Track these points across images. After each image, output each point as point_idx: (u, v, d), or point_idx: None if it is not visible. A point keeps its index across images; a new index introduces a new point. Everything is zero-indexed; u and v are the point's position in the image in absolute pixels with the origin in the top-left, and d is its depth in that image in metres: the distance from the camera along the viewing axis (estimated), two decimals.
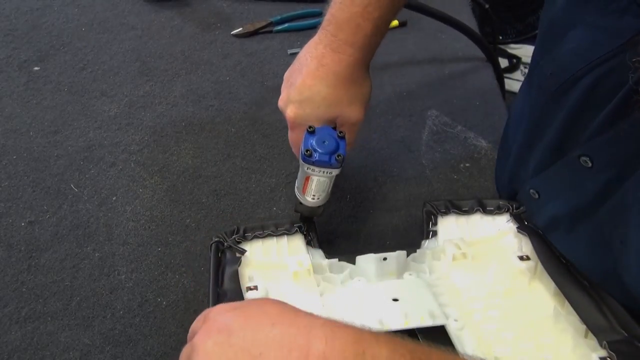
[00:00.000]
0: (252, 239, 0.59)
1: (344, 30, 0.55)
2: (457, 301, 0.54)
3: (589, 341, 0.48)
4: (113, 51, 0.92)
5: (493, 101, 0.87)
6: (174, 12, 1.00)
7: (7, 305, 0.59)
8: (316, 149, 0.55)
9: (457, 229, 0.62)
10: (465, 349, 0.49)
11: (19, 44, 0.92)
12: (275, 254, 0.59)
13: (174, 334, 0.58)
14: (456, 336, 0.50)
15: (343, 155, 0.55)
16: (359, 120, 0.59)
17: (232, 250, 0.57)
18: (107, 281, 0.62)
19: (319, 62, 0.56)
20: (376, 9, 0.54)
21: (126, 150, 0.77)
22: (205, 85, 0.87)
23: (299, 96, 0.57)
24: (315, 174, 0.56)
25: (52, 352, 0.56)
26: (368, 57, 0.58)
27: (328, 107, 0.57)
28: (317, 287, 0.56)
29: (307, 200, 0.60)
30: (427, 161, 0.77)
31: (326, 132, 0.56)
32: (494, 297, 0.54)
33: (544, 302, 0.53)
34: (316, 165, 0.55)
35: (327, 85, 0.56)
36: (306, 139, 0.56)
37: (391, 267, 0.58)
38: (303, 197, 0.60)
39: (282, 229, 0.60)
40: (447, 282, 0.57)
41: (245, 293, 0.52)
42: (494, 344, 0.50)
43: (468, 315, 0.53)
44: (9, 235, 0.66)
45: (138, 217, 0.69)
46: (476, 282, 0.56)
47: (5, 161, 0.74)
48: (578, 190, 0.51)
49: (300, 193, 0.60)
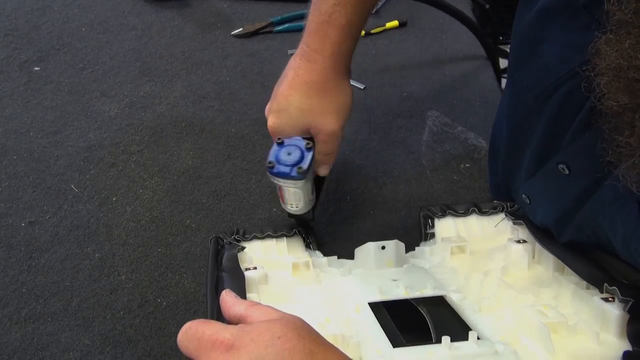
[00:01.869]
0: (252, 239, 0.60)
1: (313, 40, 0.56)
2: (457, 281, 0.55)
3: (590, 290, 0.48)
4: (113, 51, 0.92)
5: (493, 102, 0.87)
6: (175, 12, 1.00)
7: (7, 305, 0.60)
8: (279, 160, 0.56)
9: (454, 230, 0.62)
10: (467, 316, 0.49)
11: (19, 44, 0.92)
12: (275, 254, 0.59)
13: (174, 335, 0.57)
14: (458, 305, 0.50)
15: (305, 167, 0.55)
16: (334, 130, 0.58)
17: (232, 246, 0.58)
18: (107, 282, 0.62)
19: (295, 73, 0.57)
20: (342, 15, 0.54)
21: (126, 150, 0.77)
22: (205, 86, 0.87)
23: (277, 106, 0.58)
24: (283, 185, 0.57)
25: (52, 353, 0.56)
26: (341, 64, 0.58)
27: (301, 117, 0.57)
28: (316, 277, 0.56)
29: (288, 209, 0.60)
30: (428, 162, 0.77)
31: (294, 144, 0.57)
32: (493, 274, 0.55)
33: (543, 276, 0.54)
34: (279, 177, 0.56)
35: (301, 95, 0.57)
36: (273, 151, 0.57)
37: (390, 256, 0.58)
38: (285, 205, 0.60)
39: (281, 232, 0.61)
40: (445, 268, 0.58)
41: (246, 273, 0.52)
42: (495, 307, 0.50)
43: (468, 288, 0.53)
44: (9, 235, 0.66)
45: (138, 217, 0.69)
46: (475, 267, 0.57)
47: (6, 161, 0.74)
48: (559, 197, 0.52)
49: (281, 202, 0.61)
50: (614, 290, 0.45)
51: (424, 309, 0.49)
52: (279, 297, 0.51)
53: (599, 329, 0.45)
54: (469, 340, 0.43)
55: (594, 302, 0.46)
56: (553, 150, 0.51)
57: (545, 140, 0.52)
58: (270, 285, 0.53)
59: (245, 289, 0.50)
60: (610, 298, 0.45)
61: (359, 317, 0.48)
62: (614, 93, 0.35)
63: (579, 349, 0.44)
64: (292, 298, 0.52)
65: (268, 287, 0.53)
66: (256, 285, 0.52)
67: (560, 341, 0.44)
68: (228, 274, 0.52)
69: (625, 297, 0.44)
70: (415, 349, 0.43)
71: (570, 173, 0.49)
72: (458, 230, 0.62)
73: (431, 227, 0.63)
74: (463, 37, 0.92)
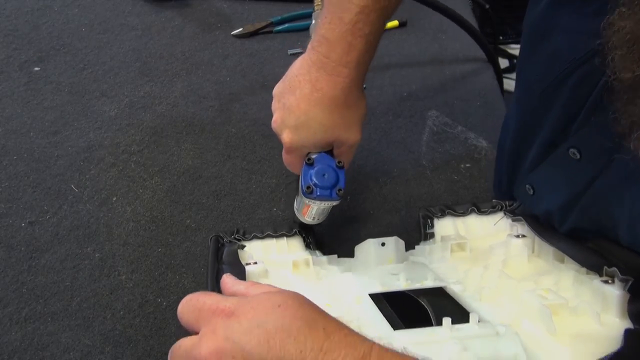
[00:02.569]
0: (252, 239, 0.60)
1: (335, 51, 0.53)
2: (457, 274, 0.55)
3: (590, 275, 0.48)
4: (113, 52, 0.92)
5: (493, 102, 0.87)
6: (175, 12, 1.00)
7: (7, 305, 0.60)
8: (317, 183, 0.55)
9: (454, 229, 0.63)
10: (468, 304, 0.49)
11: (19, 44, 0.92)
12: (275, 253, 0.59)
13: (174, 335, 0.58)
14: (459, 296, 0.50)
15: (343, 188, 0.55)
16: (356, 142, 0.58)
17: (232, 244, 0.58)
18: (108, 282, 0.62)
19: (313, 86, 0.54)
20: (366, 24, 0.52)
21: (126, 150, 0.77)
22: (205, 86, 0.87)
23: (294, 121, 0.55)
24: (319, 206, 0.57)
25: (53, 353, 0.56)
26: (362, 76, 0.56)
27: (325, 133, 0.55)
28: (316, 274, 0.57)
29: (306, 220, 0.61)
30: (428, 162, 0.77)
31: (325, 163, 0.56)
32: (493, 266, 0.55)
33: (543, 266, 0.54)
34: (318, 199, 0.56)
35: (323, 110, 0.54)
36: (305, 173, 0.55)
37: (390, 252, 0.59)
38: (303, 217, 0.60)
39: (281, 232, 0.61)
40: (446, 264, 0.58)
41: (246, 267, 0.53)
42: (495, 295, 0.50)
43: (468, 281, 0.54)
44: (9, 235, 0.66)
45: (138, 217, 0.69)
46: (475, 264, 0.57)
47: (6, 162, 0.74)
48: (569, 183, 0.52)
49: (300, 214, 0.61)
50: (613, 271, 0.45)
51: (425, 300, 0.49)
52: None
53: (600, 309, 0.45)
54: (470, 322, 0.43)
55: (594, 284, 0.46)
56: (563, 137, 0.51)
57: (556, 128, 0.52)
58: (270, 280, 0.53)
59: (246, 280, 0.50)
60: (610, 280, 0.45)
61: (359, 307, 0.49)
62: (630, 64, 0.35)
63: (580, 330, 0.43)
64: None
65: (268, 280, 0.53)
66: (257, 279, 0.52)
67: (561, 322, 0.44)
68: (228, 266, 0.52)
69: (625, 276, 0.44)
70: (416, 330, 0.43)
71: (582, 158, 0.49)
72: (457, 229, 0.62)
73: (431, 227, 0.63)
74: (463, 37, 0.92)
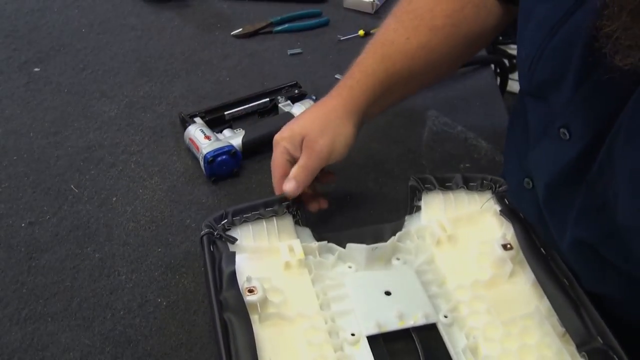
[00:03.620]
0: (242, 223, 0.59)
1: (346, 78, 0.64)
2: (445, 291, 0.56)
3: (568, 346, 0.49)
4: (113, 52, 0.92)
5: (493, 101, 0.87)
6: (174, 12, 1.00)
7: (7, 306, 0.59)
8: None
9: (441, 205, 0.63)
10: (455, 347, 0.51)
11: (19, 45, 0.92)
12: (266, 239, 0.59)
13: (174, 335, 0.58)
14: (446, 333, 0.52)
15: None
16: (322, 149, 0.60)
17: (223, 240, 0.57)
18: (108, 282, 0.62)
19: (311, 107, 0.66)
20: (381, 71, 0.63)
21: (126, 150, 0.77)
22: (205, 86, 0.87)
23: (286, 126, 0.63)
24: None
25: (53, 353, 0.56)
26: (352, 106, 0.62)
27: (300, 127, 0.61)
28: (309, 276, 0.57)
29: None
30: (427, 161, 0.77)
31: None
32: (478, 288, 0.56)
33: (525, 295, 0.55)
34: None
35: (309, 111, 0.64)
36: None
37: (380, 256, 0.59)
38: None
39: (271, 210, 0.60)
40: (432, 266, 0.59)
41: (245, 297, 0.52)
42: (482, 343, 0.51)
43: (456, 309, 0.54)
44: (9, 236, 0.66)
45: (138, 217, 0.69)
46: (461, 269, 0.58)
47: (6, 162, 0.74)
48: (560, 165, 0.52)
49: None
50: (583, 355, 0.47)
51: (417, 338, 0.51)
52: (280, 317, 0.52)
53: None
54: None
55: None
56: (552, 116, 0.52)
57: (543, 107, 0.53)
58: (269, 308, 0.53)
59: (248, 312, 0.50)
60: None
61: (358, 351, 0.50)
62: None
63: None
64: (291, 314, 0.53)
65: (268, 310, 0.53)
66: (257, 308, 0.52)
67: None
68: (234, 315, 0.51)
69: None
70: None
71: (571, 137, 0.50)
72: (444, 207, 0.62)
73: (418, 200, 0.63)
74: None
